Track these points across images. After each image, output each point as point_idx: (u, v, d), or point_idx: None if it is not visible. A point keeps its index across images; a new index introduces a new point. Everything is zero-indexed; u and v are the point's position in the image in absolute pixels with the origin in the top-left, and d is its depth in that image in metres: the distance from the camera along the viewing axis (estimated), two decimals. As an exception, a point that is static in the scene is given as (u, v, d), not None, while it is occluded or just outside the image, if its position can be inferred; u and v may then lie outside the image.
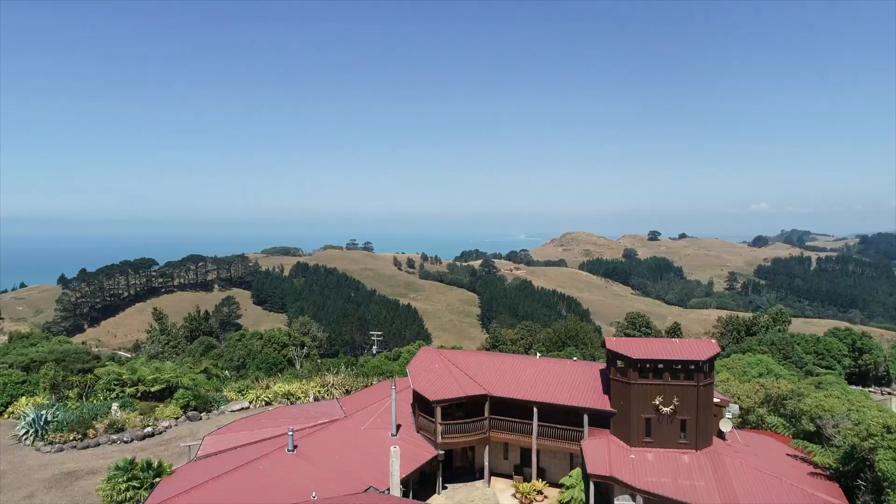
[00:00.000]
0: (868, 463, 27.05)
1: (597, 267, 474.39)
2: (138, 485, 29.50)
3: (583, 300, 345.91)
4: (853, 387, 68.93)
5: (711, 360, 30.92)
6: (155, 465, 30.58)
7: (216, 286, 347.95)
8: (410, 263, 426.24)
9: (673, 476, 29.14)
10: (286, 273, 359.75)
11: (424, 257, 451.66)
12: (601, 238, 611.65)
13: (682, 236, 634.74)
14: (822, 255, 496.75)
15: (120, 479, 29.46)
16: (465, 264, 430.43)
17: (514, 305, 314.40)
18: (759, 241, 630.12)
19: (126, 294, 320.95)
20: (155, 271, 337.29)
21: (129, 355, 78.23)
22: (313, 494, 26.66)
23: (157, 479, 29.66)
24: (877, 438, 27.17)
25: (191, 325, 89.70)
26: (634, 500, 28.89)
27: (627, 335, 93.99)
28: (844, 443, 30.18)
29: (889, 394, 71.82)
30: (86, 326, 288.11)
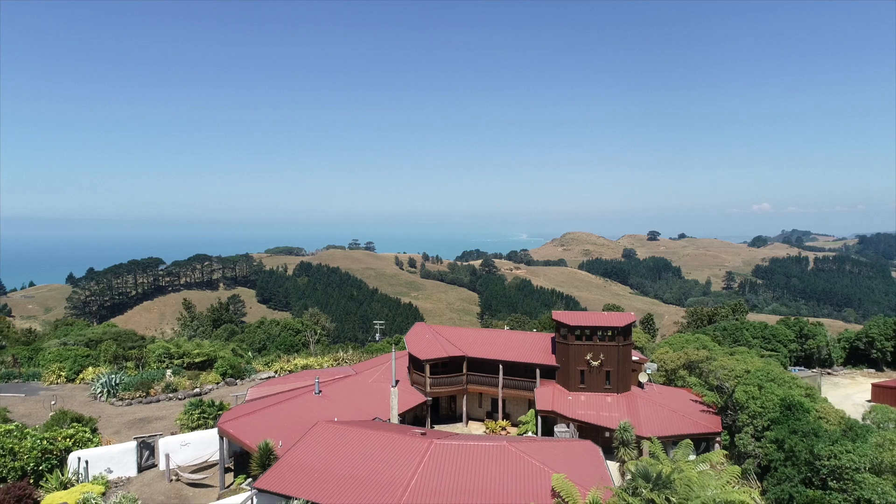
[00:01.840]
0: (733, 395, 37.57)
1: (596, 266, 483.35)
2: (206, 416, 40.32)
3: (581, 299, 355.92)
4: (795, 368, 79.55)
5: (628, 327, 41.47)
6: (217, 403, 41.30)
7: (221, 285, 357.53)
8: (412, 263, 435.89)
9: (597, 410, 39.71)
10: (289, 272, 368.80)
11: (426, 257, 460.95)
12: (601, 238, 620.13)
13: (682, 236, 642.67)
14: (820, 254, 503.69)
15: (194, 412, 40.29)
16: (465, 264, 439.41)
17: (514, 304, 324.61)
18: (758, 242, 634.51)
19: (134, 293, 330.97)
20: (162, 270, 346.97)
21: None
22: (335, 418, 37.30)
23: (220, 412, 40.36)
24: (739, 378, 37.76)
25: (213, 314, 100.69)
26: (569, 426, 39.42)
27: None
28: (729, 388, 40.68)
29: (828, 373, 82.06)
30: (95, 324, 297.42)
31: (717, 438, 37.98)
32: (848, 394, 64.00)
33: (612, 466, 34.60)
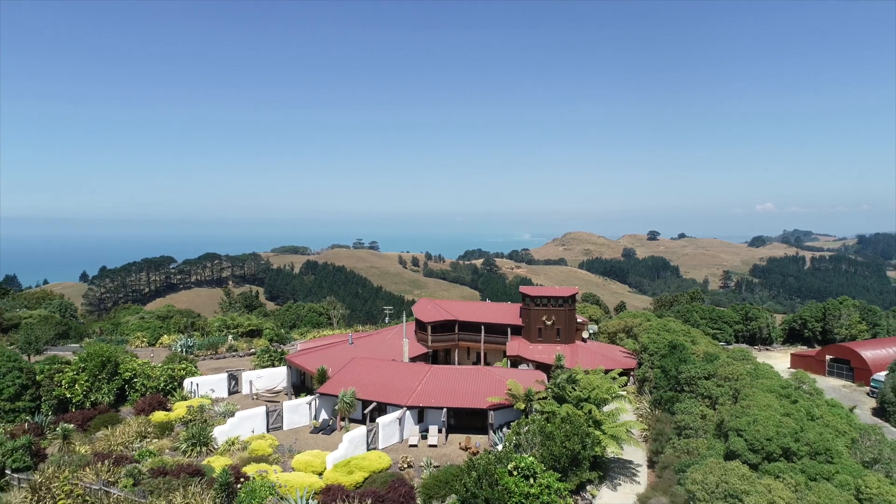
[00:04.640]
0: (640, 340, 53.73)
1: (595, 266, 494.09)
2: (273, 358, 56.81)
3: (579, 297, 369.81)
4: (740, 343, 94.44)
5: (573, 297, 57.69)
6: (280, 350, 57.76)
7: (231, 283, 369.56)
8: (415, 262, 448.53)
9: (549, 354, 55.82)
10: (296, 271, 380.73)
11: (428, 256, 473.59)
12: (601, 238, 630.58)
13: (682, 236, 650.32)
14: (818, 254, 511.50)
15: (264, 356, 56.77)
16: (467, 263, 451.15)
17: (513, 301, 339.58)
18: (758, 242, 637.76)
19: (147, 290, 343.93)
20: (173, 269, 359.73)
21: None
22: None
23: (282, 356, 56.77)
24: (647, 330, 53.84)
25: (246, 301, 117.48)
26: (528, 365, 55.57)
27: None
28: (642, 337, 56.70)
29: (767, 349, 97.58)
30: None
31: (633, 372, 54.10)
32: (777, 364, 79.69)
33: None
